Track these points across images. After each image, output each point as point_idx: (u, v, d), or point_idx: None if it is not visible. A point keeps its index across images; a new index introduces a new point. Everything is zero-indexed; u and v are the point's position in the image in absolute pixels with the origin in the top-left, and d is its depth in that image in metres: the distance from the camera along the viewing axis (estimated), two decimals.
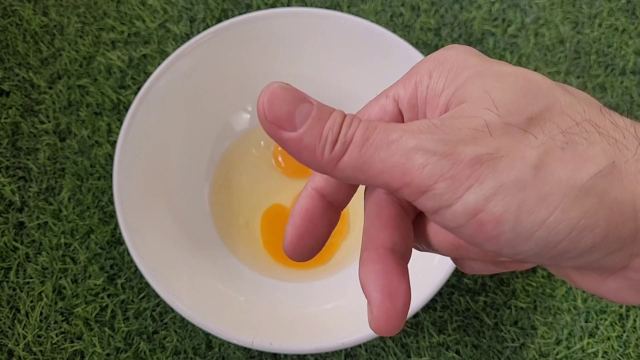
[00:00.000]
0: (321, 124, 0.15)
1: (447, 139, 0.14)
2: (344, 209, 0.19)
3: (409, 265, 0.18)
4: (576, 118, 0.15)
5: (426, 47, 0.47)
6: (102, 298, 0.40)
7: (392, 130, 0.15)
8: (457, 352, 0.39)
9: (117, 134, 0.42)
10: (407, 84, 0.18)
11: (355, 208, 0.41)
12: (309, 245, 0.18)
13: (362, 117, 0.18)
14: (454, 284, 0.40)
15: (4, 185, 0.43)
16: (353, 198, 0.19)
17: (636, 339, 0.39)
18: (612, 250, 0.14)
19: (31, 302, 0.40)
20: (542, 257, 0.14)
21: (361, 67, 0.41)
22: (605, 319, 0.39)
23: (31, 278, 0.40)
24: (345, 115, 0.15)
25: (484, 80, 0.15)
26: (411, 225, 0.18)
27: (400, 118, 0.18)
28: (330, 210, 0.18)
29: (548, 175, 0.14)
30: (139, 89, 0.44)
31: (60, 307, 0.40)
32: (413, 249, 0.18)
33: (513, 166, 0.14)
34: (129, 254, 0.41)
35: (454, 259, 0.19)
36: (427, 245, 0.18)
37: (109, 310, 0.39)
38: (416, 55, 0.38)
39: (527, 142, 0.14)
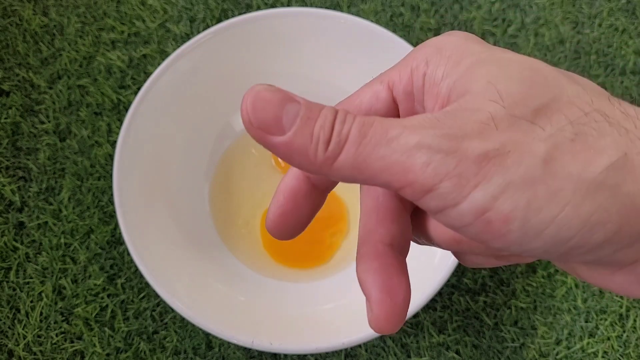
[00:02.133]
0: (311, 124, 0.14)
1: (451, 134, 0.13)
2: (344, 209, 0.19)
3: (409, 265, 0.17)
4: (585, 108, 0.14)
5: None
6: (102, 298, 0.40)
7: (391, 126, 0.14)
8: (457, 352, 0.39)
9: (117, 134, 0.42)
10: (402, 71, 0.17)
11: (355, 207, 0.41)
12: (291, 224, 0.18)
13: (354, 103, 0.18)
14: (454, 284, 0.40)
15: (4, 185, 0.43)
16: (352, 195, 0.19)
17: (636, 339, 0.39)
18: (624, 246, 0.14)
19: (31, 302, 0.40)
20: (551, 254, 0.14)
21: (361, 67, 0.41)
22: (605, 319, 0.39)
23: (31, 278, 0.40)
24: (337, 112, 0.14)
25: (487, 68, 0.15)
26: (409, 217, 0.18)
27: (394, 106, 0.17)
28: (315, 192, 0.18)
29: (558, 169, 0.13)
30: (139, 89, 0.44)
31: (60, 307, 0.40)
32: (412, 243, 0.18)
33: (521, 161, 0.13)
34: (129, 254, 0.41)
35: (454, 253, 0.18)
36: (426, 239, 0.18)
37: (109, 310, 0.39)
38: None
39: (534, 134, 0.13)
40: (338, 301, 0.38)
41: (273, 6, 0.48)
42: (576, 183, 0.13)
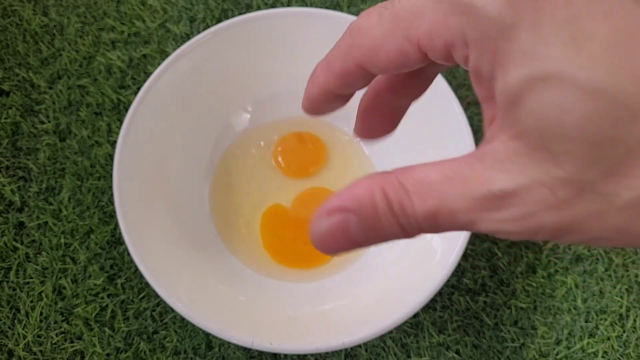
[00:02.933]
0: (378, 225, 0.14)
1: (518, 216, 0.13)
2: None
3: (409, 265, 0.18)
4: None
5: None
6: (102, 298, 0.40)
7: (457, 212, 0.14)
8: (457, 352, 0.39)
9: (117, 134, 0.42)
10: (435, 37, 0.14)
11: None
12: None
13: (381, 61, 0.15)
14: (454, 284, 0.40)
15: (4, 185, 0.43)
16: None
17: (636, 339, 0.39)
18: None
19: (31, 302, 0.40)
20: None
21: None
22: (605, 319, 0.39)
23: (31, 278, 0.40)
24: (392, 207, 0.14)
25: (540, 104, 0.12)
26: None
27: (427, 59, 0.15)
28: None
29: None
30: (139, 89, 0.44)
31: (60, 307, 0.40)
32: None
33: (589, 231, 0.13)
34: (129, 254, 0.41)
35: None
36: None
37: (109, 310, 0.39)
38: None
39: (608, 203, 0.12)
40: (338, 301, 0.38)
41: (273, 6, 0.48)
42: None
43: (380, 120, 0.18)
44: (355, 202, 0.14)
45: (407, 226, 0.14)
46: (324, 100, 0.17)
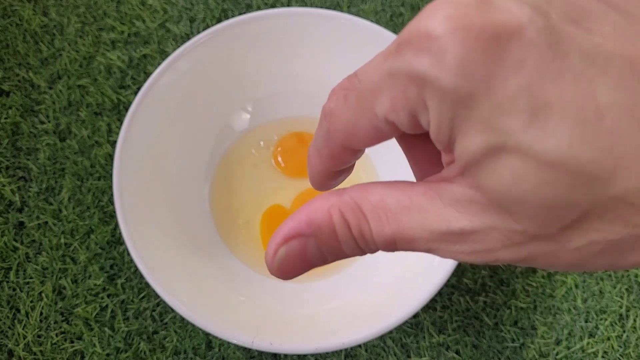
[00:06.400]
0: (341, 242, 0.15)
1: (480, 250, 0.14)
2: None
3: (409, 265, 0.18)
4: (631, 219, 0.12)
5: None
6: (102, 298, 0.40)
7: (416, 241, 0.14)
8: (457, 352, 0.39)
9: (117, 134, 0.42)
10: (399, 110, 0.13)
11: None
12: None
13: (358, 137, 0.15)
14: (454, 284, 0.40)
15: (4, 185, 0.43)
16: None
17: (636, 339, 0.39)
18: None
19: (31, 302, 0.40)
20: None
21: None
22: (605, 319, 0.39)
23: (31, 278, 0.40)
24: (353, 235, 0.15)
25: (499, 170, 0.12)
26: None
27: (415, 141, 0.16)
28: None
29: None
30: (139, 89, 0.44)
31: (60, 307, 0.40)
32: None
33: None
34: (129, 254, 0.41)
35: None
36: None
37: (109, 310, 0.39)
38: None
39: (561, 246, 0.13)
40: (338, 301, 0.38)
41: (273, 6, 0.48)
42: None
43: (337, 174, 0.18)
44: (313, 227, 0.15)
45: (365, 248, 0.15)
46: (328, 179, 0.18)
